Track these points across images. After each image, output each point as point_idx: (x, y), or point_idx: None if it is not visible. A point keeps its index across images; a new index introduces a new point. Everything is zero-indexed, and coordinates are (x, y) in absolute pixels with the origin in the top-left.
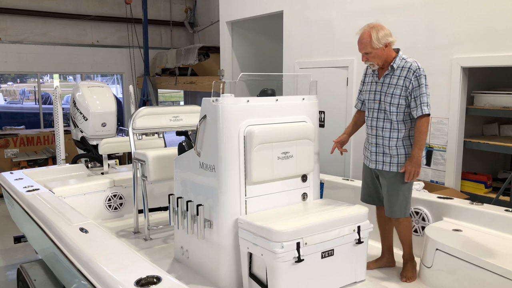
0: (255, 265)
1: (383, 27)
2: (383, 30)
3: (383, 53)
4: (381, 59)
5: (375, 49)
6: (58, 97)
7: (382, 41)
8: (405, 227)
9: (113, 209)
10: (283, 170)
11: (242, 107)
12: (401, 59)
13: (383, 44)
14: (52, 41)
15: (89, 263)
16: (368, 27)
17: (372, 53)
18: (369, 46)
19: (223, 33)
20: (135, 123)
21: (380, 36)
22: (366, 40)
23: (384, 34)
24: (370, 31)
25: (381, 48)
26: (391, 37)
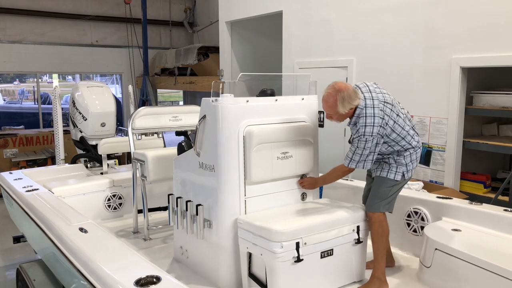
0: (255, 265)
1: (347, 88)
2: (348, 93)
3: (347, 115)
4: (344, 118)
5: (338, 113)
6: (57, 97)
7: (347, 107)
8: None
9: (112, 209)
10: (283, 170)
11: (242, 107)
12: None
13: (348, 109)
14: (51, 41)
15: (88, 263)
16: (334, 90)
17: (336, 116)
18: (333, 110)
19: (223, 33)
20: (135, 123)
21: (346, 103)
22: (331, 104)
23: (349, 98)
24: (336, 96)
25: (346, 113)
26: (355, 101)
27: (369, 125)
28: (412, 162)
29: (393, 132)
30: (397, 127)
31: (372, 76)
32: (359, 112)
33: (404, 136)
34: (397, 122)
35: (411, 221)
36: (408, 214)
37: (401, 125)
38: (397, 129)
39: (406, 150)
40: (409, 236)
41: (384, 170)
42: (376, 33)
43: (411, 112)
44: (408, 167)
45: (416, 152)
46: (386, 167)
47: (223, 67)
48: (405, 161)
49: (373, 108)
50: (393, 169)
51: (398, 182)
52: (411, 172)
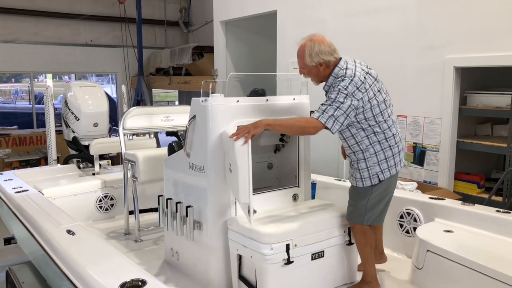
0: (245, 267)
1: (322, 42)
2: (319, 46)
3: (318, 72)
4: (316, 76)
5: (307, 66)
6: (49, 97)
7: (315, 59)
8: (356, 237)
9: (104, 210)
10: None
11: (232, 107)
12: (334, 77)
13: (316, 62)
14: (45, 40)
15: (74, 266)
16: (306, 39)
17: (306, 69)
18: (302, 60)
19: (217, 32)
20: (126, 123)
21: (314, 53)
22: (300, 53)
23: (319, 50)
24: (305, 45)
25: (315, 66)
26: (328, 56)
27: (348, 80)
28: (386, 159)
29: (371, 110)
30: (376, 106)
31: None
32: (338, 71)
33: (380, 122)
34: (377, 99)
35: (404, 222)
36: (401, 215)
37: (381, 107)
38: (375, 109)
39: (380, 142)
40: (402, 237)
41: (356, 178)
42: (370, 33)
43: (405, 112)
44: (382, 166)
45: (397, 145)
46: (358, 174)
47: (218, 67)
48: (378, 158)
49: (354, 70)
50: (365, 174)
51: (375, 188)
52: (389, 172)
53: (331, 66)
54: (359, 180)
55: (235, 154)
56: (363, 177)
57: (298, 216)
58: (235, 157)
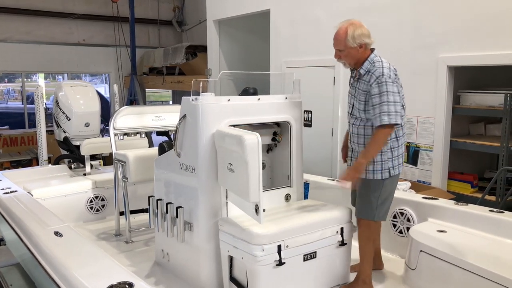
0: (236, 269)
1: (361, 25)
2: (361, 29)
3: (357, 54)
4: (353, 59)
5: (348, 47)
6: (40, 97)
7: (357, 40)
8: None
9: (94, 211)
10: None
11: (223, 106)
12: (370, 63)
13: (358, 44)
14: (37, 39)
15: (60, 269)
16: (347, 23)
17: (345, 52)
18: (343, 43)
19: (211, 32)
20: (116, 123)
21: (356, 34)
22: (341, 36)
23: (361, 33)
24: (348, 27)
25: (355, 47)
26: (368, 39)
27: (386, 67)
28: (397, 157)
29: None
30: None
31: None
32: (373, 57)
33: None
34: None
35: (397, 222)
36: (394, 215)
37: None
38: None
39: (397, 139)
40: (395, 237)
41: (368, 171)
42: None
43: None
44: (394, 163)
45: (403, 146)
46: (370, 167)
47: (211, 66)
48: (392, 154)
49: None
50: (378, 167)
51: (385, 183)
52: (398, 169)
53: (368, 49)
54: (370, 172)
55: (246, 153)
56: (375, 169)
57: (290, 216)
58: (245, 156)
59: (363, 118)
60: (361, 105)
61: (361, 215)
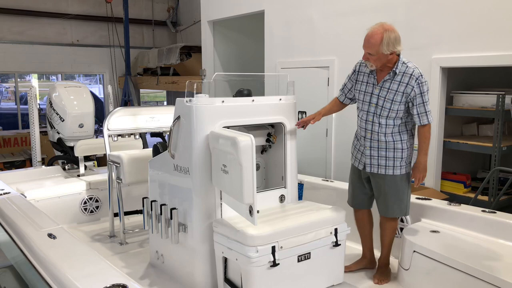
0: (230, 270)
1: (395, 31)
2: (395, 36)
3: (386, 59)
4: (382, 63)
5: (380, 53)
6: (33, 98)
7: (390, 48)
8: (392, 228)
9: (89, 212)
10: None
11: (217, 107)
12: (402, 64)
13: (390, 51)
14: (30, 40)
15: (54, 271)
16: (382, 27)
17: (376, 56)
18: (375, 48)
19: (205, 32)
20: (110, 124)
21: (391, 42)
22: (375, 41)
23: (395, 40)
24: (383, 34)
25: (386, 54)
26: (400, 46)
27: (418, 68)
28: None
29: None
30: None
31: None
32: (402, 58)
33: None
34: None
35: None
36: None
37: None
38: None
39: (409, 147)
40: None
41: (396, 167)
42: (357, 33)
43: None
44: (412, 158)
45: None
46: (397, 163)
47: (206, 67)
48: (410, 152)
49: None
50: (403, 163)
51: (409, 176)
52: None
53: (398, 54)
54: (397, 168)
55: (240, 155)
56: (401, 165)
57: (285, 217)
58: (239, 158)
59: (392, 117)
60: (395, 105)
61: (394, 214)
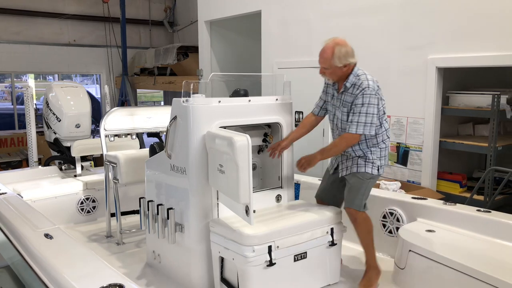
0: (227, 270)
1: (346, 45)
2: (346, 49)
3: (341, 72)
4: (337, 76)
5: (333, 66)
6: (29, 98)
7: (342, 61)
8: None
9: (85, 212)
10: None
11: (214, 107)
12: (355, 76)
13: (343, 64)
14: (27, 40)
15: (51, 271)
16: (333, 42)
17: (330, 70)
18: (328, 62)
19: (202, 32)
20: (107, 124)
21: (342, 55)
22: (327, 55)
23: (346, 53)
24: (334, 47)
25: (340, 67)
26: (352, 58)
27: (371, 80)
28: (383, 157)
29: (383, 111)
30: (382, 109)
31: None
32: (357, 70)
33: (383, 124)
34: (382, 104)
35: (387, 222)
36: (384, 215)
37: (384, 111)
38: (381, 111)
39: (382, 142)
40: (385, 237)
41: (360, 165)
42: (353, 33)
43: (389, 112)
44: (381, 162)
45: (387, 148)
46: (362, 162)
47: (203, 67)
48: (380, 154)
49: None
50: (369, 164)
51: (374, 177)
52: (383, 169)
53: (352, 67)
54: (362, 166)
55: (236, 155)
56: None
57: (281, 217)
58: (235, 158)
59: (345, 128)
60: (344, 116)
61: (353, 205)
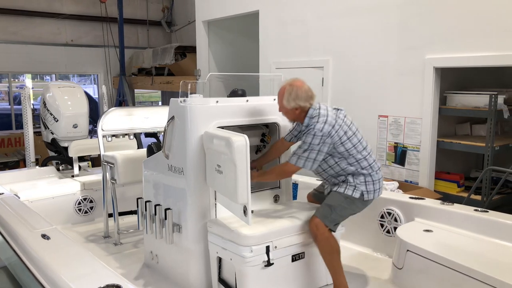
0: (225, 270)
1: (300, 88)
2: (297, 93)
3: (294, 114)
4: (291, 117)
5: (284, 107)
6: (27, 98)
7: (291, 104)
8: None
9: (83, 213)
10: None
11: (211, 107)
12: (310, 118)
13: (292, 107)
14: (24, 40)
15: (48, 272)
16: (287, 83)
17: (283, 110)
18: (280, 102)
19: (200, 32)
20: (104, 124)
21: (292, 98)
22: (280, 95)
23: (296, 96)
24: (285, 89)
25: (291, 109)
26: (304, 102)
27: (322, 122)
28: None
29: (343, 145)
30: (348, 142)
31: (347, 76)
32: (312, 112)
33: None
34: (351, 130)
35: (385, 221)
36: (382, 215)
37: (353, 143)
38: (352, 140)
39: (361, 174)
40: (383, 237)
41: (340, 186)
42: (351, 33)
43: (386, 112)
44: (368, 187)
45: (373, 175)
46: (343, 184)
47: (201, 67)
48: (365, 180)
49: (327, 111)
50: (350, 187)
51: (354, 200)
52: (369, 195)
53: (306, 110)
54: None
55: (234, 155)
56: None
57: (279, 217)
58: (233, 158)
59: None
60: None
61: (318, 213)
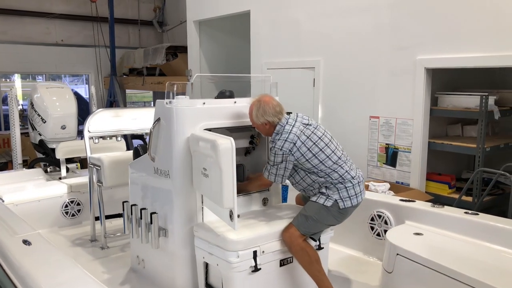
0: (211, 275)
1: (268, 103)
2: (264, 108)
3: (264, 129)
4: (262, 131)
5: (254, 123)
6: (14, 98)
7: (260, 119)
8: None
9: (70, 216)
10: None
11: (198, 109)
12: (276, 134)
13: (261, 122)
14: (13, 39)
15: (27, 279)
16: (257, 99)
17: (255, 125)
18: (250, 118)
19: (191, 32)
20: (91, 125)
21: (260, 113)
22: (249, 111)
23: (263, 112)
24: (254, 105)
25: (261, 124)
26: (272, 117)
27: (282, 139)
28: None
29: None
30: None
31: (338, 77)
32: (279, 129)
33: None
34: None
35: (375, 224)
36: (372, 218)
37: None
38: (313, 161)
39: (331, 184)
40: (373, 240)
41: (316, 195)
42: (342, 34)
43: (377, 113)
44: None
45: (346, 188)
46: (318, 194)
47: (192, 67)
48: (338, 188)
49: (292, 127)
50: (323, 196)
51: (328, 209)
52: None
53: (275, 125)
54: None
55: (219, 158)
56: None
57: (267, 221)
58: (219, 161)
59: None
60: None
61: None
